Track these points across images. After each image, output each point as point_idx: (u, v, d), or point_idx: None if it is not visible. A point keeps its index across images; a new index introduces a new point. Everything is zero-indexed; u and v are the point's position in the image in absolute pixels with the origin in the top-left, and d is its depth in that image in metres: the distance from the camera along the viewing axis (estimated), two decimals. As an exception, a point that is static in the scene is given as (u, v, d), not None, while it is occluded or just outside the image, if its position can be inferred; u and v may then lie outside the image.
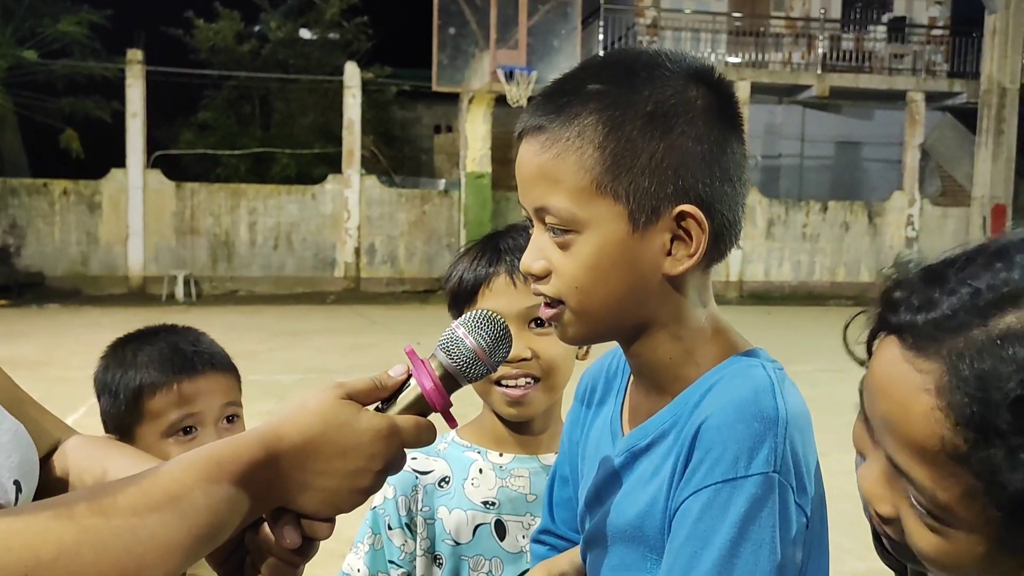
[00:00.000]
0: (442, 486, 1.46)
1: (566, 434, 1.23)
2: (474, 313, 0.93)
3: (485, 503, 1.43)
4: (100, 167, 18.71)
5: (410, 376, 0.89)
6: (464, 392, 0.95)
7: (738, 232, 0.99)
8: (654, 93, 0.93)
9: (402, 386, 0.89)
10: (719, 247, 0.97)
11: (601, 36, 19.71)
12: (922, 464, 0.72)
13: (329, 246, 19.60)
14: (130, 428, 1.44)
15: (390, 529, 1.46)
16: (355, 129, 19.65)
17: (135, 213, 18.67)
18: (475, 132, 18.54)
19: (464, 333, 0.91)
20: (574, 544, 1.21)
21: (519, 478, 1.45)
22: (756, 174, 20.44)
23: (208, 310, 15.70)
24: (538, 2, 16.77)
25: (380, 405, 0.88)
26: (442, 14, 17.02)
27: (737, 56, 20.70)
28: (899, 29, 22.14)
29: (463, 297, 1.41)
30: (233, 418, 1.50)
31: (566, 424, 1.24)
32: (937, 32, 22.16)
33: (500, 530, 1.43)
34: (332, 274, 19.64)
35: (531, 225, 1.00)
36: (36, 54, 19.22)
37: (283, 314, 15.71)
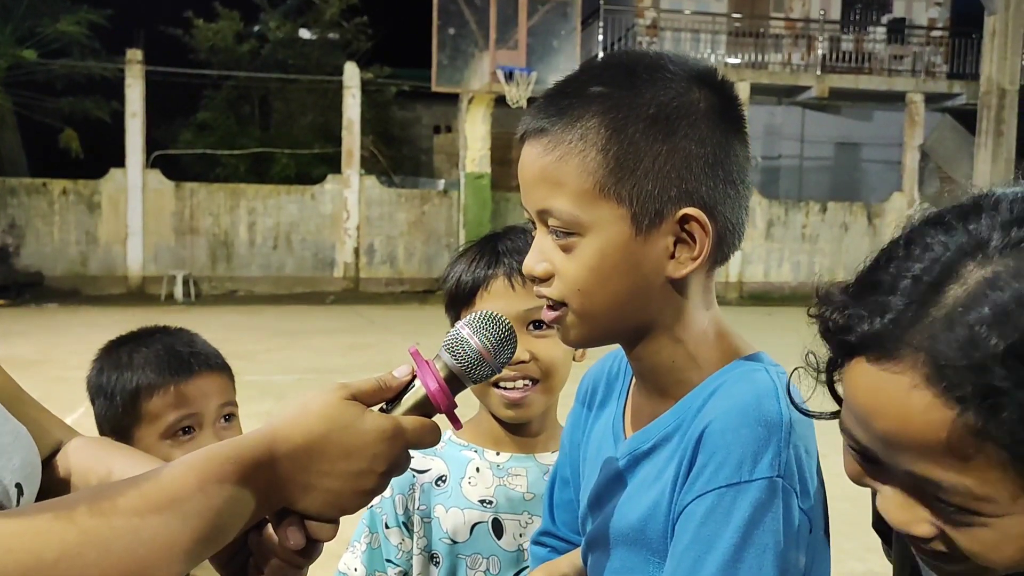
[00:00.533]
0: (439, 484, 1.46)
1: (567, 436, 1.22)
2: (479, 314, 0.93)
3: (482, 501, 1.43)
4: (99, 167, 18.69)
5: (414, 377, 0.89)
6: (462, 392, 0.95)
7: (741, 234, 0.98)
8: (657, 96, 0.93)
9: (406, 387, 0.89)
10: (722, 250, 0.97)
11: (601, 37, 19.72)
12: (944, 461, 0.70)
13: (328, 246, 19.59)
14: (127, 430, 1.43)
15: (387, 528, 1.46)
16: (354, 129, 19.63)
17: (134, 213, 18.65)
18: (474, 132, 18.52)
19: (469, 334, 0.91)
20: (575, 546, 1.21)
21: (516, 477, 1.45)
22: (756, 175, 19.94)
23: (207, 310, 15.69)
24: (538, 3, 16.77)
25: (384, 406, 0.88)
26: (442, 14, 17.00)
27: (737, 57, 20.69)
28: (899, 30, 22.14)
29: (461, 299, 1.41)
30: (230, 417, 1.50)
31: (567, 425, 1.23)
32: (936, 33, 22.16)
33: (497, 529, 1.43)
34: (331, 274, 19.63)
35: (532, 227, 1.00)
36: (35, 53, 19.18)
37: (282, 314, 15.70)
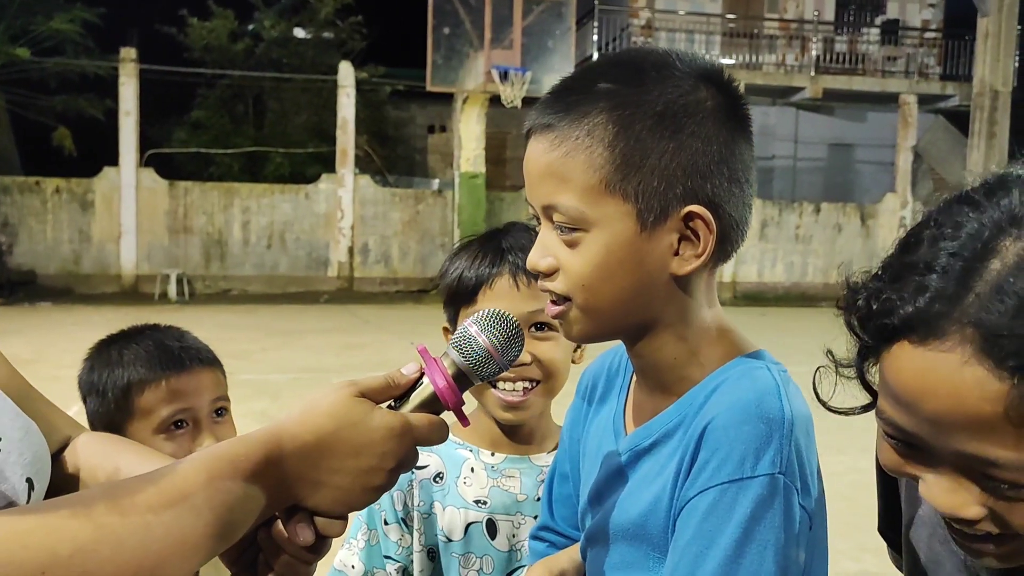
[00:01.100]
0: (437, 481, 1.46)
1: (567, 431, 1.23)
2: (486, 312, 0.94)
3: (477, 501, 1.43)
4: (93, 165, 18.62)
5: (423, 374, 0.90)
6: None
7: (744, 233, 0.99)
8: (664, 93, 0.93)
9: (415, 384, 0.89)
10: (725, 248, 0.97)
11: (595, 37, 19.70)
12: (998, 437, 0.69)
13: (323, 245, 19.55)
14: (120, 426, 1.44)
15: (386, 524, 1.45)
16: (349, 128, 19.59)
17: (128, 212, 18.59)
18: (469, 132, 18.51)
19: (477, 331, 0.91)
20: (573, 541, 1.21)
21: (510, 478, 1.45)
22: (750, 175, 20.39)
23: (201, 309, 15.65)
24: (533, 2, 16.76)
25: (392, 403, 0.89)
26: (437, 14, 16.98)
27: (731, 57, 20.68)
28: (892, 32, 22.17)
29: (462, 296, 1.40)
30: (222, 411, 1.51)
31: (567, 421, 1.23)
32: (930, 35, 22.19)
33: (491, 529, 1.43)
34: (325, 273, 19.59)
35: (537, 223, 1.00)
36: (29, 52, 19.08)
37: (276, 313, 15.67)
